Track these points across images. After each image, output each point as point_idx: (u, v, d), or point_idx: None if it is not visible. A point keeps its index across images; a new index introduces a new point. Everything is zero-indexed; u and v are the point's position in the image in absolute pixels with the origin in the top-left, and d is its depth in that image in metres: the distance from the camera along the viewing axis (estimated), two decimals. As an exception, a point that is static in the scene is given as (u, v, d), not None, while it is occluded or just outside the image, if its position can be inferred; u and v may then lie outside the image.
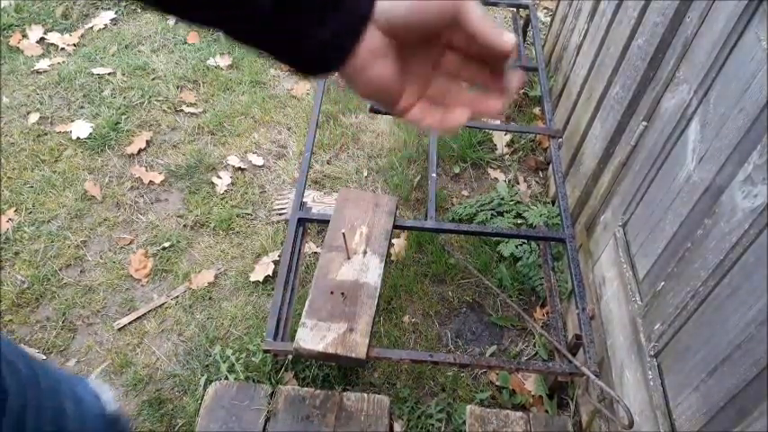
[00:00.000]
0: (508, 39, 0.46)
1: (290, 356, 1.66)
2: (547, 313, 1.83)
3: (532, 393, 1.68)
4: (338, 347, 1.36)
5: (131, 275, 1.93)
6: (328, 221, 1.63)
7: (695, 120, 1.22)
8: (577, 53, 2.13)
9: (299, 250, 1.69)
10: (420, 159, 2.27)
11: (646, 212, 1.40)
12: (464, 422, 1.56)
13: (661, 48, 1.42)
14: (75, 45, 2.69)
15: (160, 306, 1.86)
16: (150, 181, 2.18)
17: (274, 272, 1.91)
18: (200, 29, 0.43)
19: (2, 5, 2.79)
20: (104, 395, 0.72)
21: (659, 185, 1.35)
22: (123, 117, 2.39)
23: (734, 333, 1.00)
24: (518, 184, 2.23)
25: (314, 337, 1.38)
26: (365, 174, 2.24)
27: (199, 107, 2.46)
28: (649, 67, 1.47)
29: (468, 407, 1.58)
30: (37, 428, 0.59)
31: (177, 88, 2.52)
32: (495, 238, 2.00)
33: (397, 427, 1.61)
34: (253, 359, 1.70)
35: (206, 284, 1.91)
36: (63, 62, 2.60)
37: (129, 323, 1.82)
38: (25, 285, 1.88)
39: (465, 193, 2.21)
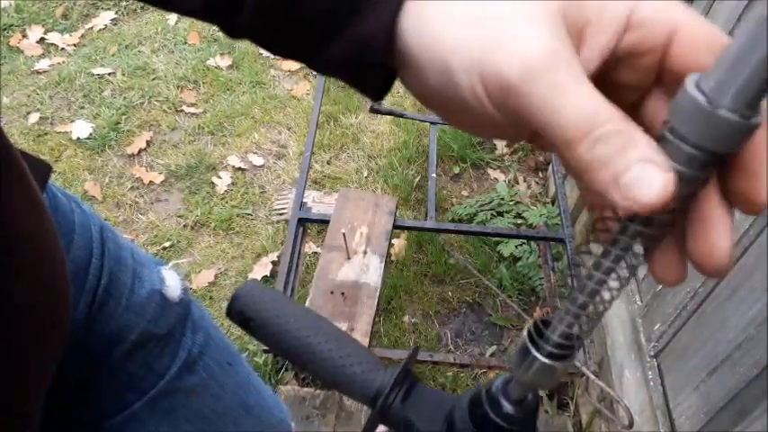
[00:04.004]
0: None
1: (290, 356, 1.66)
2: (547, 313, 1.83)
3: (532, 393, 1.68)
4: (338, 347, 1.36)
5: (131, 275, 1.93)
6: (328, 221, 1.63)
7: (695, 120, 1.22)
8: (577, 53, 2.13)
9: (299, 250, 1.69)
10: (420, 159, 2.27)
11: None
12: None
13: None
14: (75, 45, 2.70)
15: (160, 306, 1.86)
16: (150, 181, 2.19)
17: (272, 272, 1.92)
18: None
19: (2, 5, 2.79)
20: (170, 280, 0.61)
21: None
22: (123, 117, 2.39)
23: (734, 333, 1.00)
24: (518, 184, 2.23)
25: (314, 337, 1.38)
26: (365, 174, 2.24)
27: (199, 107, 2.46)
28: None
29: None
30: (95, 282, 0.54)
31: (177, 88, 2.52)
32: (494, 239, 2.00)
33: (397, 427, 1.61)
34: (253, 359, 1.70)
35: (206, 284, 1.91)
36: (63, 62, 2.60)
37: (130, 323, 1.82)
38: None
39: (465, 193, 2.21)
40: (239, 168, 2.25)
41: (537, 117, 0.25)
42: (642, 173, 0.23)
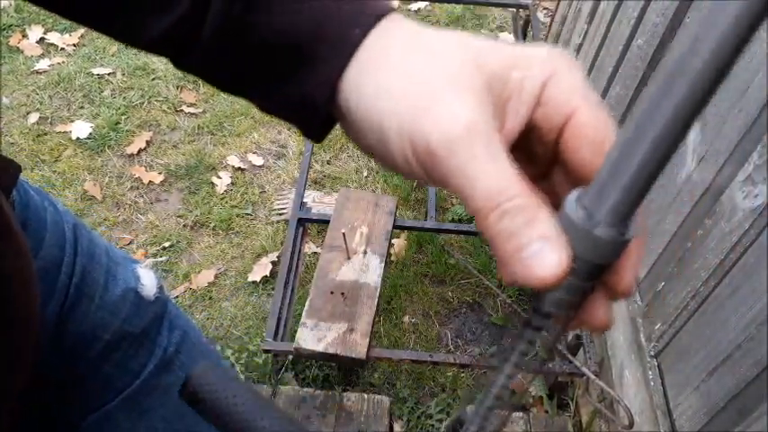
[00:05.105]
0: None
1: (290, 357, 1.66)
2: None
3: (532, 393, 1.68)
4: (338, 347, 1.36)
5: (131, 275, 1.93)
6: (328, 221, 1.63)
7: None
8: (577, 54, 2.13)
9: (299, 250, 1.69)
10: (420, 159, 2.27)
11: (646, 212, 1.40)
12: (464, 422, 1.56)
13: (661, 48, 1.42)
14: (75, 45, 2.69)
15: (160, 306, 1.86)
16: (150, 181, 2.18)
17: (272, 272, 1.92)
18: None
19: (2, 5, 2.79)
20: (146, 279, 0.60)
21: (659, 185, 1.35)
22: (123, 117, 2.39)
23: (734, 333, 1.00)
24: (518, 184, 2.23)
25: (314, 337, 1.38)
26: (365, 174, 2.24)
27: (199, 107, 2.46)
28: (649, 67, 1.47)
29: (469, 407, 1.58)
30: (67, 279, 0.53)
31: (177, 88, 2.52)
32: (495, 239, 2.00)
33: (397, 427, 1.61)
34: (253, 359, 1.70)
35: (206, 284, 1.91)
36: (63, 62, 2.60)
37: (129, 323, 1.82)
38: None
39: (465, 193, 2.21)
40: (239, 168, 2.25)
41: (455, 183, 0.27)
42: (541, 249, 0.25)
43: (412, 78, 0.29)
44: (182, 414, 0.65)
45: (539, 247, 0.25)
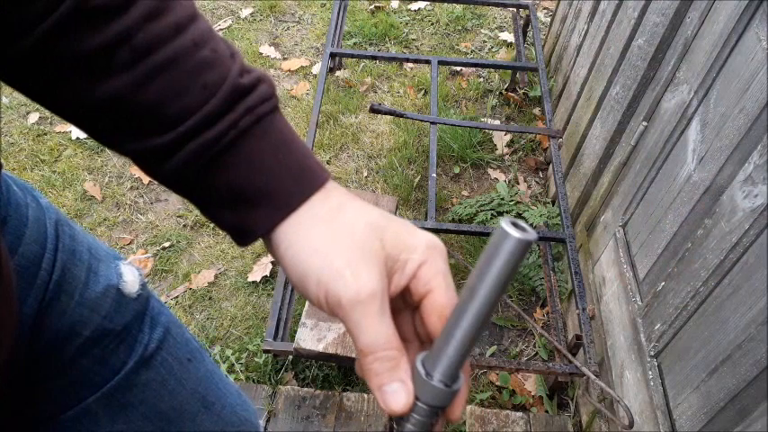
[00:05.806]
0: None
1: (290, 357, 1.66)
2: (547, 313, 1.83)
3: (533, 394, 1.68)
4: (338, 347, 1.36)
5: (131, 275, 1.92)
6: (328, 221, 1.63)
7: (695, 120, 1.22)
8: (577, 53, 2.13)
9: (299, 250, 1.69)
10: (420, 159, 2.27)
11: (646, 213, 1.41)
12: (464, 422, 1.56)
13: (661, 48, 1.42)
14: (74, 45, 2.69)
15: (160, 306, 1.86)
16: (150, 181, 2.18)
17: (272, 272, 1.91)
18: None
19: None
20: (128, 276, 0.60)
21: (659, 185, 1.35)
22: (123, 117, 2.39)
23: (734, 333, 1.00)
24: (518, 184, 2.23)
25: (314, 337, 1.38)
26: (365, 174, 2.24)
27: (199, 107, 2.46)
28: (649, 67, 1.47)
29: (468, 407, 1.58)
30: (47, 277, 0.53)
31: (177, 88, 2.51)
32: (495, 239, 2.00)
33: (397, 427, 1.60)
34: (253, 359, 1.70)
35: (206, 284, 1.91)
36: (63, 62, 2.60)
37: (129, 323, 1.82)
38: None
39: (465, 193, 2.21)
40: (239, 168, 2.24)
41: (350, 327, 0.38)
42: (397, 390, 0.38)
43: (334, 244, 0.39)
44: (161, 411, 0.65)
45: (395, 388, 0.38)
